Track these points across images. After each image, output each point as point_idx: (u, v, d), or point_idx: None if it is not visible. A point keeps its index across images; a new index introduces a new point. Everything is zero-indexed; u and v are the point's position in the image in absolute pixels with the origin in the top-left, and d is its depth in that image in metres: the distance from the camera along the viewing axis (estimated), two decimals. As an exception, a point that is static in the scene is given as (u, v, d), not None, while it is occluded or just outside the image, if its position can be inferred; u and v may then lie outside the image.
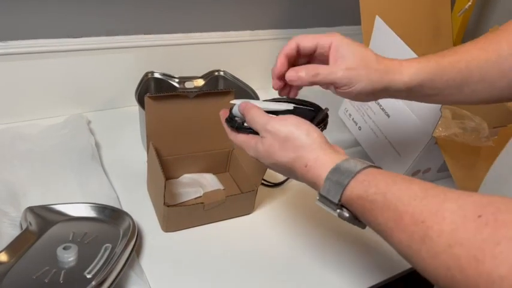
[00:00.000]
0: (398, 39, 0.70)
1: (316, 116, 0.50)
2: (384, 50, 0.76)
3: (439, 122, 0.70)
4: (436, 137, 0.71)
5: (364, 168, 0.40)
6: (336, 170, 0.41)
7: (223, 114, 0.54)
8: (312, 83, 0.50)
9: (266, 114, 0.48)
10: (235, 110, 0.52)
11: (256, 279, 0.60)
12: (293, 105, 0.52)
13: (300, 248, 0.65)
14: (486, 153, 0.76)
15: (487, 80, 0.49)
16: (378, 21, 0.73)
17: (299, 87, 0.54)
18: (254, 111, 0.48)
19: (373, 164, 0.41)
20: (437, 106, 0.68)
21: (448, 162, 0.73)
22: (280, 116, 0.47)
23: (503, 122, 0.78)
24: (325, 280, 0.62)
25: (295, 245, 0.66)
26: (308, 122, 0.46)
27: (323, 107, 0.52)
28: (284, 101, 0.53)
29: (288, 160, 0.45)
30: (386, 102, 0.80)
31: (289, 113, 0.50)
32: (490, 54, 0.49)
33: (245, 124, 0.50)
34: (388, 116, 0.80)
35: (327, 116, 0.51)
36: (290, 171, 0.46)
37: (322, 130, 0.48)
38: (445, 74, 0.49)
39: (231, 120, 0.52)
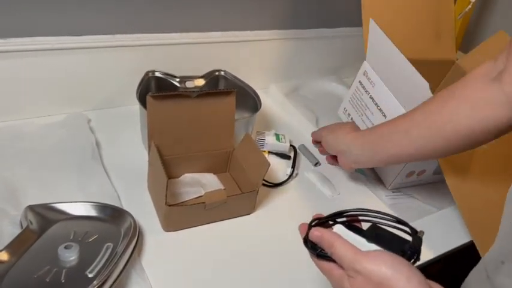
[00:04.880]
0: (390, 42, 0.70)
1: (409, 244, 0.42)
2: (380, 53, 0.77)
3: None
4: None
5: None
6: None
7: (302, 230, 0.49)
8: None
9: (352, 247, 0.42)
10: None
11: (257, 278, 0.60)
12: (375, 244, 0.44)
13: (301, 247, 0.65)
14: (480, 156, 0.77)
15: (432, 126, 0.55)
16: (372, 25, 0.73)
17: None
18: (337, 244, 0.42)
19: None
20: None
21: (440, 163, 0.73)
22: (372, 253, 0.40)
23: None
24: (326, 279, 0.62)
25: (296, 245, 0.66)
26: (406, 263, 0.39)
27: (417, 229, 0.44)
28: (359, 213, 0.47)
29: None
30: (384, 102, 0.80)
31: (370, 229, 0.45)
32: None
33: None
34: (385, 116, 0.80)
35: (421, 243, 0.43)
36: None
37: (415, 262, 0.42)
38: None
39: (311, 243, 0.46)
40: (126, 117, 0.84)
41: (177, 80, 0.83)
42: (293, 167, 0.82)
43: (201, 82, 0.85)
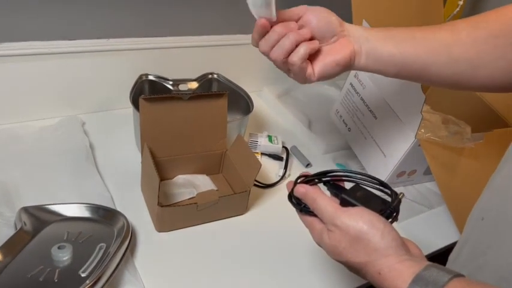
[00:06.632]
0: None
1: (388, 204, 0.45)
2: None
3: (422, 124, 0.72)
4: (418, 138, 0.73)
5: (450, 279, 0.36)
6: (417, 282, 0.37)
7: (289, 186, 0.50)
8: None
9: (333, 203, 0.44)
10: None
11: (249, 278, 0.61)
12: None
13: (292, 247, 0.66)
14: (468, 155, 0.78)
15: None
16: (365, 26, 0.75)
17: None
18: (319, 200, 0.44)
19: (457, 273, 0.37)
20: (419, 108, 0.70)
21: (429, 161, 0.74)
22: (351, 210, 0.43)
23: (489, 127, 0.80)
24: (317, 278, 0.63)
25: (287, 245, 0.67)
26: (382, 220, 0.41)
27: (398, 192, 0.46)
28: (345, 175, 0.49)
29: (359, 262, 0.41)
30: (375, 104, 0.81)
31: (353, 189, 0.47)
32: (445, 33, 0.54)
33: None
34: (376, 117, 0.81)
35: (399, 204, 0.45)
36: (359, 272, 0.43)
37: (393, 221, 0.44)
38: (399, 40, 0.54)
39: (296, 199, 0.48)
40: (119, 120, 0.85)
41: (170, 83, 0.84)
42: (285, 168, 0.83)
43: (194, 85, 0.86)
